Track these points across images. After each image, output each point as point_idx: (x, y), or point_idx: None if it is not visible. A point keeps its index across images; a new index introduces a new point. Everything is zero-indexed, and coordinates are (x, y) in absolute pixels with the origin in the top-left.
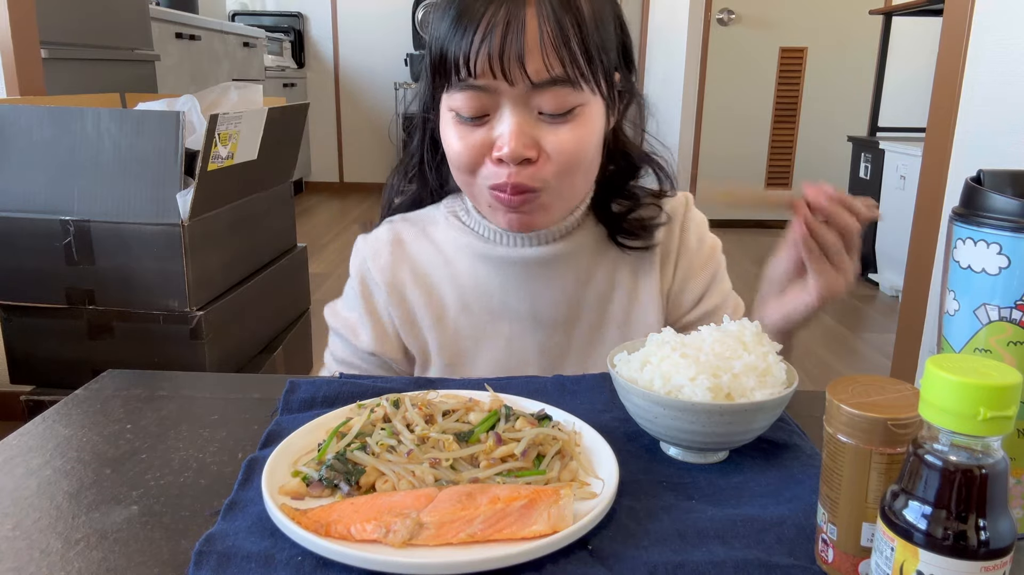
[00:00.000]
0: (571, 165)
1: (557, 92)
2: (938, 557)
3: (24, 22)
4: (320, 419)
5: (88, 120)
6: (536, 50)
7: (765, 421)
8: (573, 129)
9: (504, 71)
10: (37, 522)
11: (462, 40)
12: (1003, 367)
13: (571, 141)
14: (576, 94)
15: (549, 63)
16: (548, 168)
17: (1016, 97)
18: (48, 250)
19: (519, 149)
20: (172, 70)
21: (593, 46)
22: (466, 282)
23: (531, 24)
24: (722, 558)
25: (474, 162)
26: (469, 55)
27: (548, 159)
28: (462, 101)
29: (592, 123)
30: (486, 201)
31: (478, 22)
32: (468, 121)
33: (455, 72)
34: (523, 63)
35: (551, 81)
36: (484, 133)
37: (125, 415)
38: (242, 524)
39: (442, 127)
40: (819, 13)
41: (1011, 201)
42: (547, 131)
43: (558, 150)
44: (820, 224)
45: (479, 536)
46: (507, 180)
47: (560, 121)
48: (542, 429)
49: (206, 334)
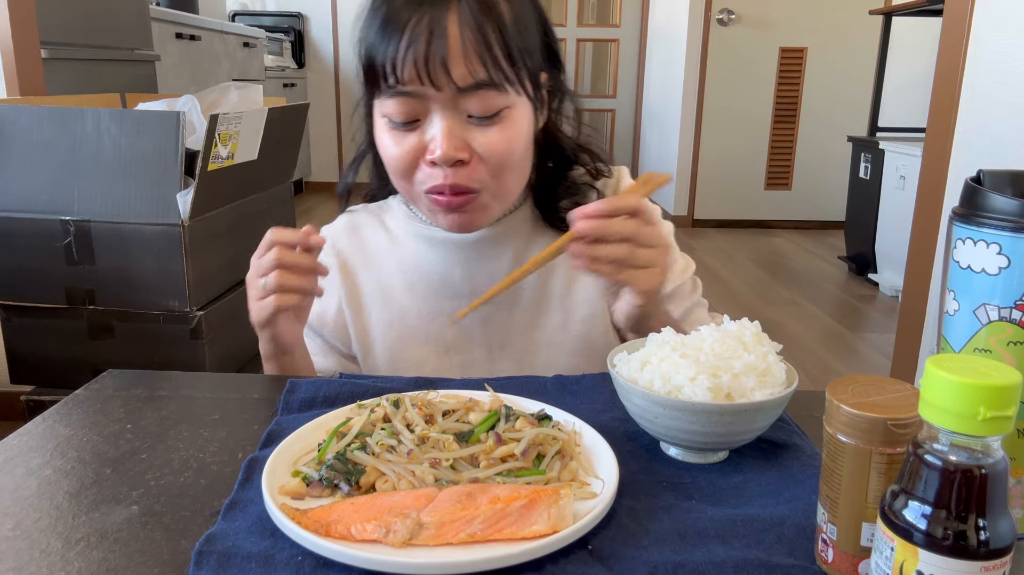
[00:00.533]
0: (503, 165)
1: (483, 95)
2: (938, 557)
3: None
4: (320, 419)
5: (88, 120)
6: (459, 56)
7: (765, 421)
8: (501, 130)
9: (430, 77)
10: (37, 522)
11: (388, 48)
12: (1003, 367)
13: (500, 142)
14: (502, 96)
15: (473, 68)
16: (481, 169)
17: (1016, 97)
18: (48, 250)
19: (451, 151)
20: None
21: (515, 49)
22: (410, 263)
23: (453, 31)
24: (722, 558)
25: (409, 166)
26: (396, 62)
27: (480, 160)
28: (393, 107)
29: (519, 124)
30: (426, 205)
31: (402, 30)
32: (400, 126)
33: (383, 79)
34: (448, 69)
35: (476, 85)
36: (416, 137)
37: (125, 415)
38: (242, 524)
39: (376, 133)
40: (819, 13)
41: (1011, 201)
42: (477, 133)
43: (488, 151)
44: (595, 247)
45: (479, 536)
46: (444, 182)
47: (488, 123)
48: (542, 429)
49: (206, 334)
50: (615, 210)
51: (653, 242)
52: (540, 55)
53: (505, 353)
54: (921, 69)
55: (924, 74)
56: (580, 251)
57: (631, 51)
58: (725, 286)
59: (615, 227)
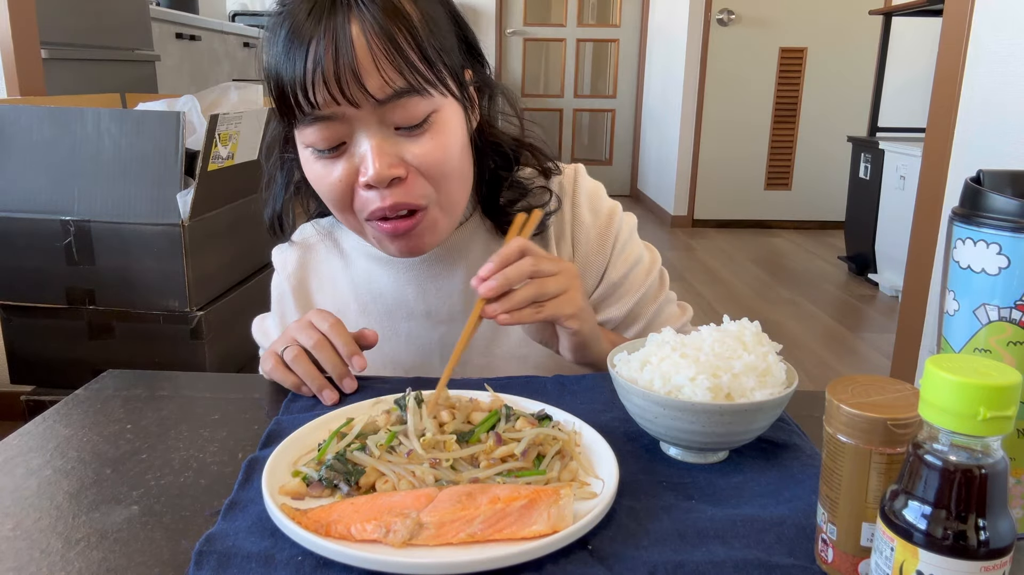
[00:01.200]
0: (442, 174)
1: (406, 104)
2: (938, 557)
3: (24, 22)
4: (320, 419)
5: (88, 120)
6: (371, 66)
7: (765, 421)
8: (433, 137)
9: (344, 95)
10: (37, 522)
11: (294, 71)
12: (1003, 367)
13: (435, 150)
14: (426, 101)
15: (388, 77)
16: (421, 183)
17: (1016, 97)
18: (48, 250)
19: (383, 170)
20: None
21: (430, 49)
22: (362, 284)
23: (359, 41)
24: (722, 558)
25: (344, 195)
26: (306, 86)
27: (418, 173)
28: (314, 135)
29: (451, 127)
30: (372, 234)
31: (306, 49)
32: (326, 154)
33: (297, 107)
34: (362, 82)
35: (396, 94)
36: (346, 163)
37: (125, 415)
38: (242, 524)
39: (304, 165)
40: (819, 13)
41: (1011, 201)
42: (408, 145)
43: (424, 162)
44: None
45: (479, 536)
46: (383, 203)
47: (418, 132)
48: (542, 429)
49: (206, 334)
50: (505, 260)
51: (554, 270)
52: (458, 52)
53: (466, 371)
54: (921, 69)
55: (924, 74)
56: (494, 310)
57: (631, 51)
58: (725, 286)
59: (512, 274)
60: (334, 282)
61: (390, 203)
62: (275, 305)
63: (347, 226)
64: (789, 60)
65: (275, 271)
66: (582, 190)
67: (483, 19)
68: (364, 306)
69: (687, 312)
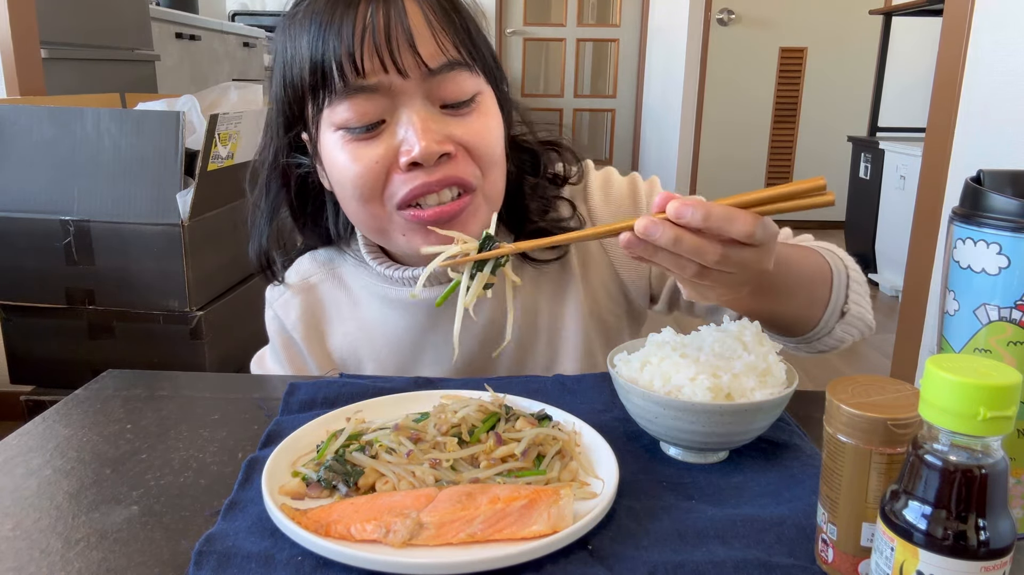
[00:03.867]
0: (489, 157)
1: (456, 78)
2: (938, 557)
3: (24, 22)
4: (320, 419)
5: (88, 120)
6: (426, 32)
7: (765, 421)
8: (479, 118)
9: (395, 61)
10: (37, 522)
11: (338, 37)
12: (1003, 367)
13: (482, 130)
14: (474, 79)
15: (443, 44)
16: (468, 162)
17: (1016, 97)
18: (48, 250)
19: (431, 145)
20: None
21: (474, 28)
22: (375, 328)
23: (412, 7)
24: (722, 558)
25: (377, 180)
26: (352, 51)
27: (466, 153)
28: (351, 111)
29: (494, 113)
30: (400, 227)
31: (354, 14)
32: (361, 133)
33: (339, 76)
34: (415, 48)
35: (448, 65)
36: (383, 143)
37: (125, 415)
38: (242, 524)
39: (328, 156)
40: (819, 13)
41: (1011, 201)
42: (455, 124)
43: (473, 141)
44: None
45: (479, 536)
46: (429, 179)
47: (465, 111)
48: (542, 429)
49: (206, 334)
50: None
51: (735, 270)
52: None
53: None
54: (921, 69)
55: (924, 74)
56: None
57: (631, 51)
58: None
59: (688, 246)
60: (344, 323)
61: (438, 177)
62: (281, 351)
63: (366, 224)
64: (789, 60)
65: (272, 312)
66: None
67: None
68: (377, 351)
69: None
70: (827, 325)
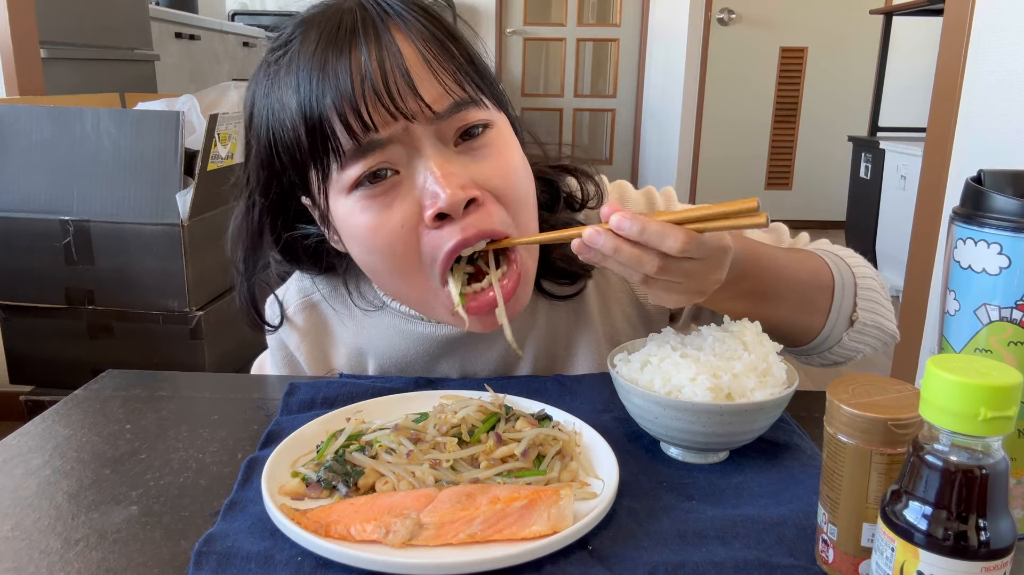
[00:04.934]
0: (516, 198)
1: (465, 115)
2: (938, 557)
3: (24, 22)
4: (320, 419)
5: (88, 120)
6: (425, 73)
7: (765, 421)
8: (498, 154)
9: (400, 109)
10: (37, 522)
11: (337, 91)
12: (1003, 367)
13: (502, 169)
14: (482, 111)
15: (446, 84)
16: (496, 208)
17: (1016, 97)
18: (48, 250)
19: (457, 192)
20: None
21: (477, 60)
22: (384, 354)
23: (406, 47)
24: (722, 558)
25: (408, 247)
26: (356, 105)
27: (494, 199)
28: (364, 171)
29: (511, 144)
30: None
31: (348, 63)
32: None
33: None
34: (417, 93)
35: (455, 106)
36: (404, 199)
37: (125, 415)
38: (242, 524)
39: (345, 223)
40: (819, 13)
41: (1011, 201)
42: (475, 166)
43: (496, 184)
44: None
45: (479, 536)
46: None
47: (480, 148)
48: (542, 429)
49: (206, 334)
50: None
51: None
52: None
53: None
54: (921, 69)
55: (924, 74)
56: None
57: (631, 51)
58: None
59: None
60: (348, 347)
61: (473, 233)
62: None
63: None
64: (789, 60)
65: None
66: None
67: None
68: (387, 374)
69: None
70: (833, 334)
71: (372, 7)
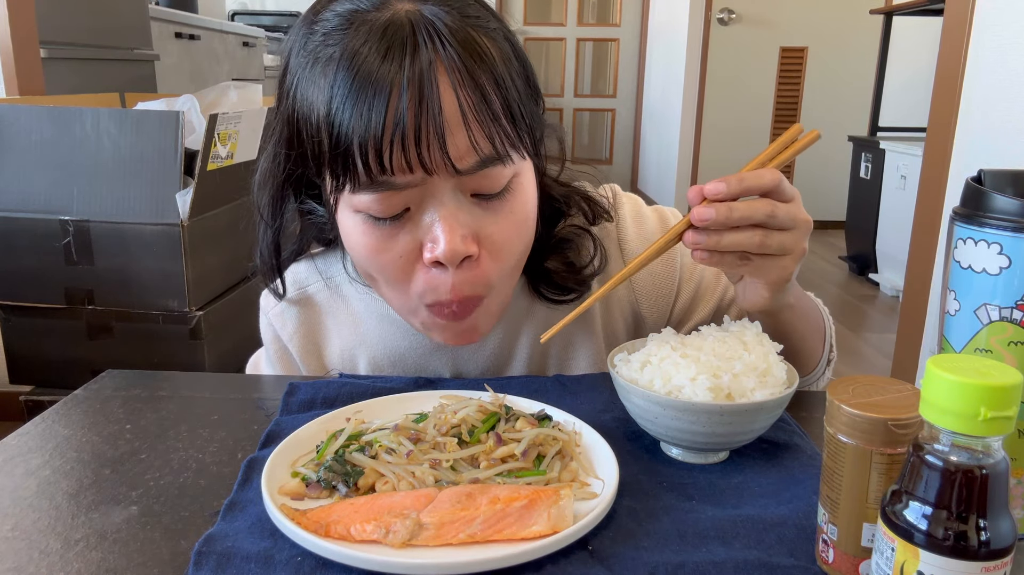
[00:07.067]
0: (512, 255)
1: (488, 173)
2: (939, 557)
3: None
4: (320, 419)
5: (88, 120)
6: (459, 129)
7: (765, 421)
8: (512, 208)
9: (422, 162)
10: (36, 522)
11: (365, 127)
12: (1004, 367)
13: (512, 225)
14: (506, 169)
15: (476, 142)
16: (491, 267)
17: (1017, 97)
18: (48, 250)
19: (457, 246)
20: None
21: (515, 104)
22: (377, 346)
23: (447, 95)
24: (722, 558)
25: (402, 274)
26: (381, 148)
27: (489, 255)
28: (375, 203)
29: (529, 191)
30: (421, 318)
31: (386, 99)
32: (385, 224)
33: (363, 170)
34: (445, 149)
35: (480, 163)
36: (408, 234)
37: (125, 415)
38: (242, 524)
39: (347, 232)
40: (819, 13)
41: (1012, 201)
42: (483, 218)
43: (498, 242)
44: (720, 237)
45: (479, 536)
46: (452, 297)
47: (497, 202)
48: (542, 429)
49: (206, 334)
50: (745, 190)
51: (788, 224)
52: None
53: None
54: (921, 69)
55: (924, 74)
56: (696, 242)
57: (631, 51)
58: None
59: (742, 213)
60: (342, 339)
61: (461, 296)
62: (276, 361)
63: (390, 303)
64: (789, 60)
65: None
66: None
67: None
68: (380, 369)
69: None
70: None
71: (425, 34)
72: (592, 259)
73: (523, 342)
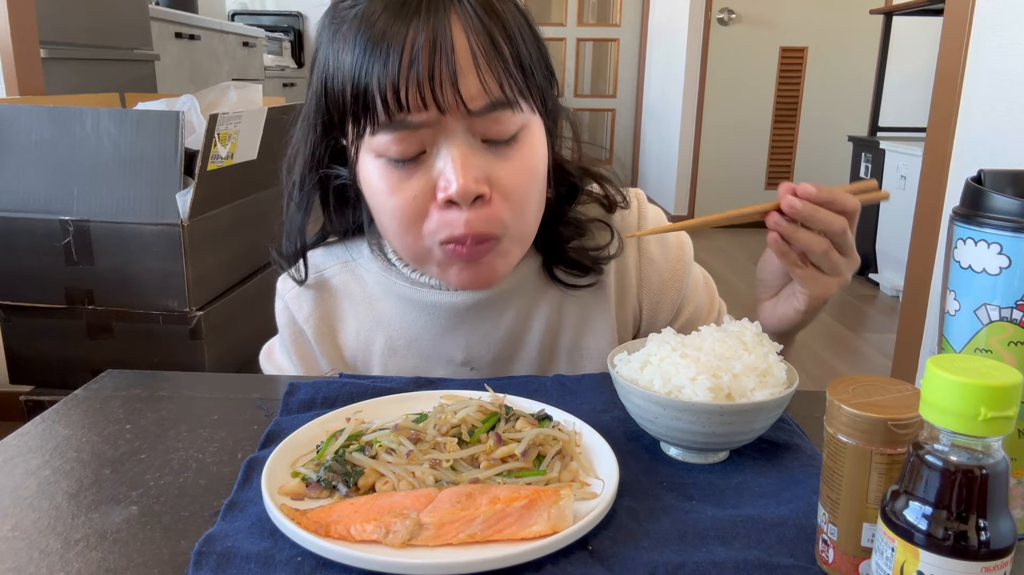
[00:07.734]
0: (524, 200)
1: (499, 117)
2: (939, 557)
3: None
4: (320, 419)
5: (88, 120)
6: (470, 70)
7: (765, 421)
8: (521, 155)
9: (436, 100)
10: (36, 522)
11: (384, 69)
12: (1004, 367)
13: (521, 171)
14: (516, 116)
15: (487, 84)
16: (503, 207)
17: (1017, 97)
18: (48, 250)
19: (469, 184)
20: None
21: (525, 59)
22: (393, 326)
23: (459, 40)
24: (722, 558)
25: (417, 214)
26: (397, 87)
27: (501, 197)
28: (392, 143)
29: (537, 146)
30: (436, 259)
31: (401, 43)
32: (402, 166)
33: (383, 110)
34: (457, 87)
35: (491, 106)
36: (422, 176)
37: (125, 415)
38: (242, 524)
39: (366, 179)
40: (819, 13)
41: (1012, 201)
42: (494, 162)
43: (509, 184)
44: (797, 229)
45: (479, 536)
46: (465, 231)
47: (506, 148)
48: (542, 429)
49: (206, 334)
50: (831, 201)
51: (849, 250)
52: (541, 66)
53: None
54: (921, 69)
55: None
56: (777, 223)
57: (631, 51)
58: (725, 286)
59: (825, 217)
60: (358, 322)
61: (475, 231)
62: (290, 344)
63: (402, 249)
64: (789, 59)
65: (283, 304)
66: (648, 222)
67: None
68: (395, 350)
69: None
70: None
71: None
72: (608, 244)
73: (536, 324)
